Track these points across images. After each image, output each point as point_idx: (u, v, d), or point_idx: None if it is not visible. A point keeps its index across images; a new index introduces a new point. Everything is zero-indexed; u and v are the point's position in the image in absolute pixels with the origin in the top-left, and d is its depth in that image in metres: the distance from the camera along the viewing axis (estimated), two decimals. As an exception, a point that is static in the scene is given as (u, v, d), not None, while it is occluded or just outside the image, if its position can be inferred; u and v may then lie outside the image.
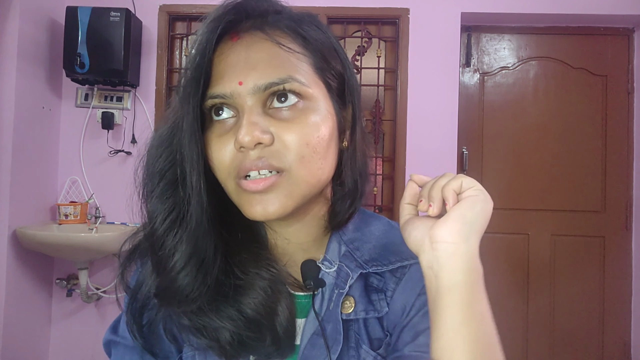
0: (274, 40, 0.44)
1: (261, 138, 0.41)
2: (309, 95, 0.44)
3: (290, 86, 0.43)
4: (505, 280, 2.10)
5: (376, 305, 0.49)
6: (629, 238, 2.09)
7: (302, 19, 0.47)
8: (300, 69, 0.44)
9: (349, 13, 2.01)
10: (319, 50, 0.46)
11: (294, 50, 0.44)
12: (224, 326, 0.44)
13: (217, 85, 0.44)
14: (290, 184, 0.43)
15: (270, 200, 0.43)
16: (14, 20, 1.73)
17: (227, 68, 0.43)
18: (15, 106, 1.73)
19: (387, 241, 0.52)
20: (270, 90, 0.43)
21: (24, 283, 1.83)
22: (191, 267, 0.44)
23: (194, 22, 2.10)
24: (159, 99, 2.03)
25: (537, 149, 2.10)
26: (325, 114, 0.45)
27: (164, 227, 0.45)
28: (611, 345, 2.07)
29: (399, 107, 2.00)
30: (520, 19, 2.06)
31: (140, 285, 0.48)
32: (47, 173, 1.96)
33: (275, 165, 0.43)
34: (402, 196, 0.47)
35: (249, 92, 0.42)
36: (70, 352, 2.02)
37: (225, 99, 0.43)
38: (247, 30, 0.45)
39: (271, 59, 0.43)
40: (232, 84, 0.43)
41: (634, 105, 2.09)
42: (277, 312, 0.46)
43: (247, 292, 0.45)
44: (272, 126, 0.43)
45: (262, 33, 0.44)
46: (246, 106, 0.43)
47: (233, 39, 0.45)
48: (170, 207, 0.45)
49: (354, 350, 0.48)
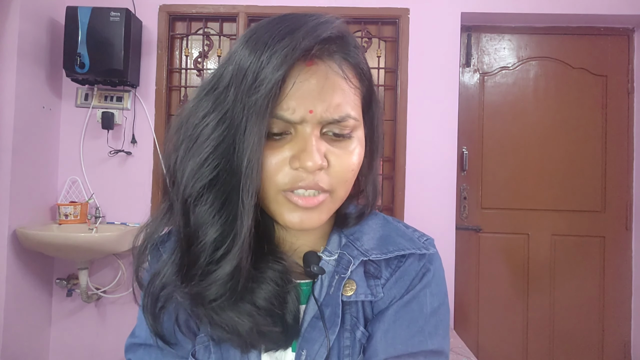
0: (344, 75, 0.46)
1: (322, 166, 0.45)
2: (357, 127, 0.48)
3: (346, 124, 0.46)
4: (505, 280, 2.10)
5: (373, 290, 0.52)
6: (629, 238, 2.09)
7: (357, 49, 0.49)
8: (355, 105, 0.47)
9: (349, 13, 2.01)
10: (366, 82, 0.50)
11: (355, 86, 0.48)
12: (242, 320, 0.46)
13: (288, 109, 0.43)
14: (331, 202, 0.48)
15: (313, 216, 0.47)
16: (14, 20, 1.73)
17: (301, 95, 0.44)
18: (15, 106, 1.73)
19: (384, 233, 0.55)
20: (331, 125, 0.46)
21: (24, 283, 1.83)
22: (230, 279, 0.45)
23: (194, 22, 2.10)
24: (159, 99, 2.03)
25: (537, 149, 2.10)
26: (363, 141, 0.50)
27: (216, 236, 0.45)
28: (611, 345, 2.07)
29: (399, 107, 2.00)
30: (520, 19, 2.06)
31: (156, 275, 0.49)
32: (47, 173, 1.96)
33: (324, 188, 0.46)
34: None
35: (315, 122, 0.44)
36: (70, 352, 2.02)
37: (293, 123, 0.44)
38: (321, 57, 0.45)
39: (338, 94, 0.45)
40: (303, 111, 0.44)
41: (634, 105, 2.09)
42: (287, 301, 0.49)
43: (259, 285, 0.48)
44: (327, 152, 0.46)
45: (334, 63, 0.46)
46: (310, 131, 0.45)
47: (307, 64, 0.44)
48: (224, 218, 0.45)
49: (348, 332, 0.51)
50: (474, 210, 2.12)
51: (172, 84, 2.08)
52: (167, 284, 0.47)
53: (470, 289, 2.10)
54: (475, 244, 2.11)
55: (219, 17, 2.07)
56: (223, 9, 2.02)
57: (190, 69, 2.10)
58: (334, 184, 0.47)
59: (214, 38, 2.11)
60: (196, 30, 2.11)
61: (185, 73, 2.10)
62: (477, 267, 2.11)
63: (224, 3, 2.02)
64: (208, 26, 2.10)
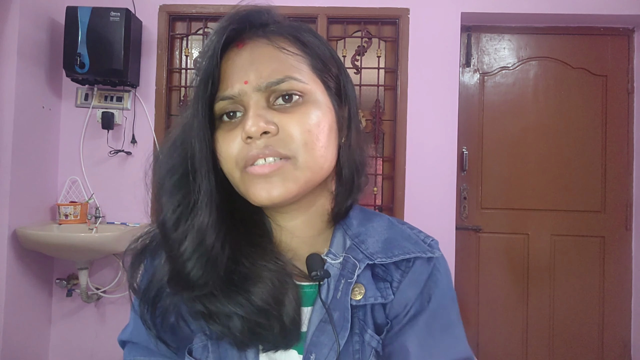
0: (276, 44, 0.49)
1: (267, 127, 0.45)
2: (308, 90, 0.48)
3: (289, 85, 0.47)
4: (505, 280, 2.10)
5: (382, 293, 0.52)
6: (629, 238, 2.09)
7: (300, 27, 0.52)
8: (299, 69, 0.48)
9: (349, 13, 2.01)
10: (316, 54, 0.51)
11: (294, 53, 0.49)
12: (235, 312, 0.46)
13: (225, 88, 0.48)
14: (295, 169, 0.47)
15: (275, 184, 0.47)
16: (14, 20, 1.73)
17: (234, 70, 0.48)
18: (15, 106, 1.73)
19: (389, 236, 0.55)
20: (271, 89, 0.47)
21: (24, 283, 1.83)
22: (200, 253, 0.46)
23: (194, 22, 2.10)
24: (159, 99, 2.03)
25: (537, 149, 2.10)
26: (324, 108, 0.50)
27: (175, 216, 0.48)
28: (611, 345, 2.07)
29: (399, 107, 2.00)
30: (520, 19, 2.06)
31: (154, 275, 0.51)
32: (47, 173, 1.96)
33: (282, 152, 0.46)
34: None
35: (253, 90, 0.47)
36: (70, 352, 2.02)
37: (234, 98, 0.48)
38: (251, 37, 0.49)
39: (272, 61, 0.48)
40: (239, 84, 0.47)
41: (634, 105, 2.09)
42: (284, 302, 0.48)
43: (255, 282, 0.48)
44: (276, 118, 0.47)
45: (265, 39, 0.49)
46: (252, 102, 0.47)
47: (239, 46, 0.49)
48: (181, 197, 0.48)
49: (358, 335, 0.50)
50: (474, 210, 2.12)
51: (172, 84, 2.08)
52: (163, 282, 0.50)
53: (470, 289, 2.10)
54: (475, 244, 2.11)
55: (219, 17, 2.05)
56: (223, 9, 2.02)
57: (190, 69, 2.10)
58: (292, 148, 0.46)
59: (214, 38, 2.10)
60: (196, 30, 2.10)
61: (185, 73, 2.10)
62: (477, 267, 2.11)
63: (224, 3, 2.02)
64: (208, 26, 2.10)
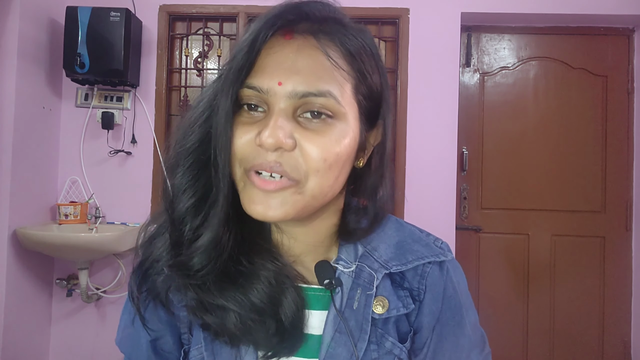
0: (324, 50, 0.43)
1: (283, 143, 0.41)
2: (341, 114, 0.44)
3: (326, 101, 0.42)
4: (505, 280, 2.10)
5: (404, 302, 0.51)
6: (629, 238, 2.09)
7: (356, 34, 0.47)
8: (342, 88, 0.43)
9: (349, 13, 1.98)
10: (362, 70, 0.46)
11: (340, 67, 0.44)
12: (229, 306, 0.45)
13: (257, 77, 0.43)
14: (298, 193, 0.43)
15: (274, 204, 0.43)
16: (14, 20, 1.73)
17: (272, 64, 0.43)
18: (15, 106, 1.73)
19: (399, 239, 0.53)
20: (305, 100, 0.42)
21: (24, 283, 1.83)
22: (211, 248, 0.45)
23: (194, 22, 2.10)
24: (159, 99, 2.03)
25: (537, 149, 2.09)
26: (350, 135, 0.45)
27: (190, 205, 0.46)
28: (611, 345, 2.07)
29: (399, 107, 2.00)
30: (520, 19, 2.06)
31: (149, 254, 0.49)
32: (47, 173, 1.96)
33: (289, 175, 0.42)
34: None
35: (284, 94, 0.42)
36: (70, 352, 2.02)
37: (261, 93, 0.43)
38: (302, 32, 0.44)
39: (316, 69, 0.43)
40: (272, 81, 0.42)
41: (634, 105, 2.09)
42: (281, 303, 0.47)
43: (251, 280, 0.46)
44: (297, 133, 0.42)
45: (314, 40, 0.44)
46: (277, 107, 0.42)
47: (286, 37, 0.44)
48: (198, 186, 0.46)
49: (375, 344, 0.49)
50: (474, 210, 2.12)
51: (172, 84, 2.08)
52: (158, 259, 0.48)
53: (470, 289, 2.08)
54: (475, 244, 2.11)
55: (219, 17, 2.07)
56: (223, 9, 2.02)
57: (191, 69, 2.10)
58: (302, 171, 0.42)
59: (214, 38, 2.10)
60: (196, 30, 2.10)
61: (185, 73, 2.10)
62: (477, 267, 2.11)
63: (224, 3, 2.02)
64: (208, 26, 2.10)
